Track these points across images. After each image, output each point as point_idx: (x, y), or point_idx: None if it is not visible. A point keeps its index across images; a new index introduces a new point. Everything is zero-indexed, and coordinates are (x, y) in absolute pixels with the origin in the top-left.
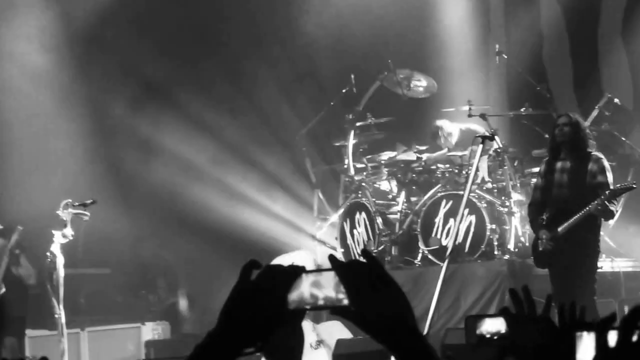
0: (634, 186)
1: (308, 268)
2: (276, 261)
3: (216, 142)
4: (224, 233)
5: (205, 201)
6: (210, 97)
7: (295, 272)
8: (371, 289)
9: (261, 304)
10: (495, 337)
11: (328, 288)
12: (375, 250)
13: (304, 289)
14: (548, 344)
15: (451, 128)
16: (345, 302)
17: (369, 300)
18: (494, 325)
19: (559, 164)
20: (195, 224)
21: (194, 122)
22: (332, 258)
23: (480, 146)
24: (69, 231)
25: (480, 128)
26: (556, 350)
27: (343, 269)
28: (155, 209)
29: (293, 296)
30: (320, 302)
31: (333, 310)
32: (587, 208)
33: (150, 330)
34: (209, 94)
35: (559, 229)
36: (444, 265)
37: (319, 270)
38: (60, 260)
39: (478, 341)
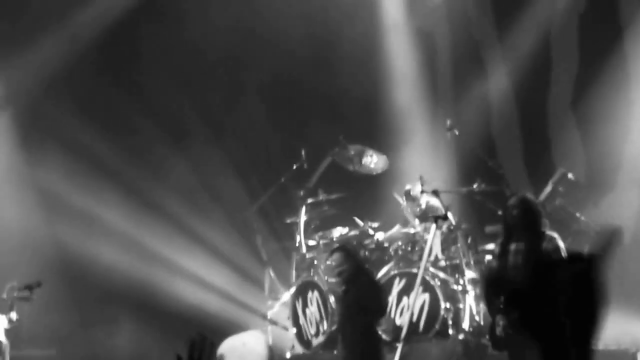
0: None
1: (261, 349)
2: (227, 342)
3: (165, 220)
4: (174, 313)
5: (155, 282)
6: (157, 173)
7: None
8: None
9: None
10: None
11: None
12: (329, 330)
13: None
14: None
15: (418, 191)
16: None
17: None
18: None
19: (512, 246)
20: (143, 305)
21: (141, 200)
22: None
23: (434, 226)
24: (14, 316)
25: (435, 202)
26: None
27: None
28: (101, 289)
29: None
30: None
31: None
32: None
33: None
34: (156, 170)
35: (513, 316)
36: (400, 345)
37: None
38: (5, 346)
39: None
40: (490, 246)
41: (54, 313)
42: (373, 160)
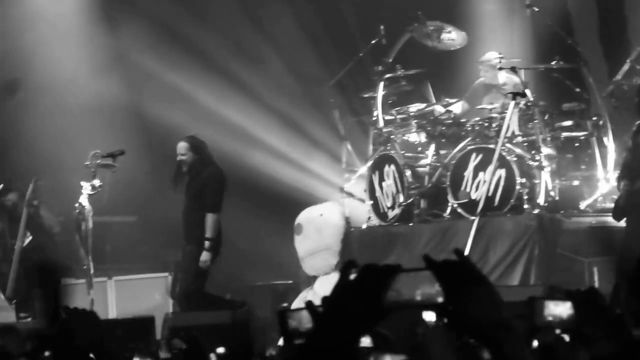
0: None
1: (337, 220)
2: (305, 213)
3: (243, 93)
4: (251, 185)
5: (233, 153)
6: (236, 47)
7: (392, 271)
8: (466, 288)
9: (361, 301)
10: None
11: (423, 286)
12: (404, 203)
13: (400, 286)
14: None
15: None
16: (440, 300)
17: (464, 298)
18: (559, 310)
19: None
20: None
21: (220, 73)
22: (426, 258)
23: (512, 103)
24: (97, 182)
25: (513, 79)
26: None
27: (438, 268)
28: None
29: (390, 294)
30: (416, 300)
31: (428, 308)
32: None
33: None
34: (235, 44)
35: (636, 185)
36: (476, 219)
37: (414, 269)
38: (88, 212)
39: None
40: (567, 123)
41: (136, 181)
42: (452, 37)
